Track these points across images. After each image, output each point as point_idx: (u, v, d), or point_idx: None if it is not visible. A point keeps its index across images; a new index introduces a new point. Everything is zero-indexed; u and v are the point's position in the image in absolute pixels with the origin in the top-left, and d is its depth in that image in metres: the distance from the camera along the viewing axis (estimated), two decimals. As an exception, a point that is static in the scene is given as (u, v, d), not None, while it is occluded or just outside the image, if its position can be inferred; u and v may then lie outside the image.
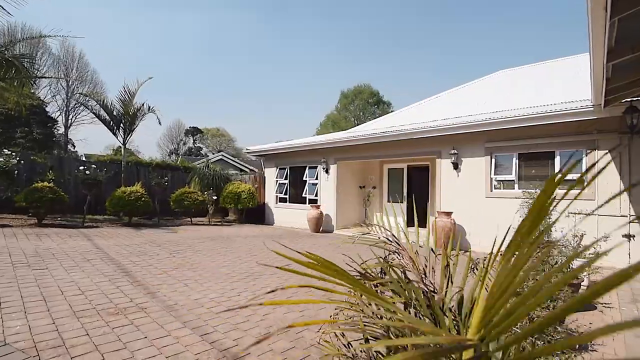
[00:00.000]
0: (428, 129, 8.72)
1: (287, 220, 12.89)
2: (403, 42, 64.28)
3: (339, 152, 11.34)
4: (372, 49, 66.13)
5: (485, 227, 8.09)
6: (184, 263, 5.34)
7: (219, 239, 8.32)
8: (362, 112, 36.22)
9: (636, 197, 6.37)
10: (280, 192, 13.34)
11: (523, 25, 56.75)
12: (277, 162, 13.55)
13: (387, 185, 12.12)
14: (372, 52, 66.51)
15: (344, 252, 6.38)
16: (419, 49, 64.25)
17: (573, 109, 6.60)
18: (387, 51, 65.79)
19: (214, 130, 59.02)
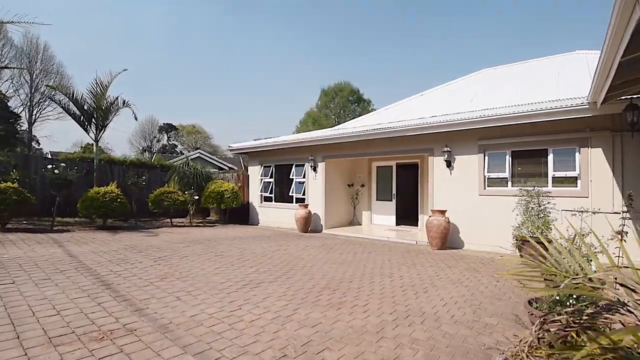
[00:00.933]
0: (421, 126, 8.56)
1: (272, 220, 12.46)
2: (379, 39, 64.71)
3: (328, 150, 11.03)
4: (349, 46, 66.16)
5: (479, 225, 8.04)
6: (171, 271, 4.85)
7: (205, 242, 7.81)
8: (342, 109, 36.08)
9: (628, 194, 6.45)
10: (265, 190, 12.89)
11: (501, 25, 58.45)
12: (262, 159, 13.07)
13: (375, 183, 11.94)
14: (350, 49, 66.54)
15: (340, 254, 6.04)
16: (396, 48, 64.93)
17: (568, 106, 6.59)
18: (365, 48, 66.06)
19: (190, 127, 57.23)
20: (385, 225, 11.53)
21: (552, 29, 55.65)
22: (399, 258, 6.63)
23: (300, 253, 6.79)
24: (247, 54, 73.18)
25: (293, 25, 67.16)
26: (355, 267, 5.64)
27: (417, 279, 4.98)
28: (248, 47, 72.01)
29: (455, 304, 3.94)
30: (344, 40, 66.11)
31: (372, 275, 5.12)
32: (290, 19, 66.17)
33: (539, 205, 6.43)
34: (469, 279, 5.08)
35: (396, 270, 5.50)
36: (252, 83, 76.41)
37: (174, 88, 74.75)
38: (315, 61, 68.21)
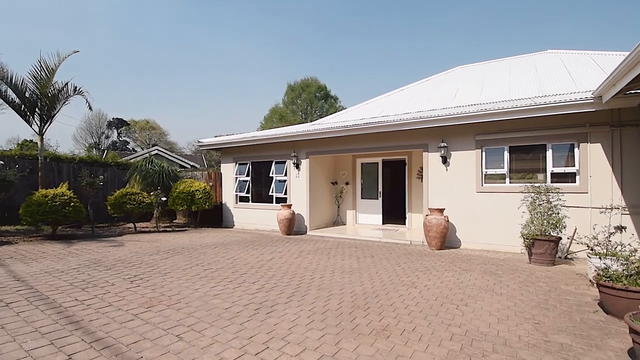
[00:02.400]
0: (417, 120, 8.12)
1: (250, 222, 11.49)
2: (345, 36, 64.77)
3: (312, 145, 10.29)
4: (314, 43, 65.48)
5: (477, 223, 7.80)
6: (157, 296, 3.88)
7: (184, 251, 6.75)
8: (310, 106, 35.37)
9: (628, 189, 6.48)
10: (241, 190, 11.86)
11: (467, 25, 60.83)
12: (237, 156, 12.00)
13: (360, 181, 11.43)
14: (315, 46, 65.87)
15: (342, 259, 5.37)
16: (362, 46, 65.39)
17: (572, 100, 6.46)
18: (329, 45, 65.77)
19: (143, 123, 53.36)
20: (371, 224, 11.06)
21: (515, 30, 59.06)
22: (406, 262, 6.11)
23: (299, 261, 6.02)
24: (206, 48, 69.69)
25: (255, 19, 65.04)
26: (368, 276, 5.01)
27: (445, 288, 4.46)
28: (207, 42, 68.57)
29: (508, 318, 3.45)
30: (310, 37, 65.28)
31: (395, 286, 4.52)
32: (251, 13, 63.98)
33: (547, 202, 6.24)
34: (496, 284, 4.67)
35: (415, 278, 4.96)
36: (211, 79, 73.02)
37: (125, 81, 69.19)
38: (279, 57, 66.71)
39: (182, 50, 69.83)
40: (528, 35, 55.36)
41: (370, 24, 62.37)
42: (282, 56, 66.01)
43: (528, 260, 6.34)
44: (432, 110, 9.27)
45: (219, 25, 66.83)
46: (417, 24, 61.52)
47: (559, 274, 5.38)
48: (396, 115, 9.61)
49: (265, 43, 65.53)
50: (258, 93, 70.49)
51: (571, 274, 5.41)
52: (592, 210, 6.74)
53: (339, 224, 11.48)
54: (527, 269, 5.71)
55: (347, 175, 11.59)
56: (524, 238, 6.23)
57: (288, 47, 66.20)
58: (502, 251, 7.43)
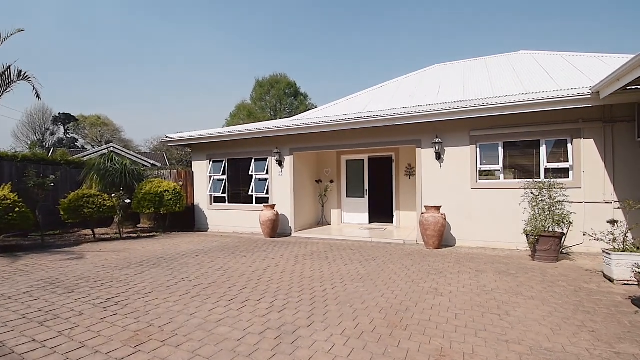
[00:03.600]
0: (413, 115, 7.77)
1: (227, 225, 10.58)
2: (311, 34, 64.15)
3: (297, 141, 9.62)
4: (281, 39, 64.14)
5: (472, 220, 7.62)
6: (143, 327, 3.06)
7: (160, 262, 5.82)
8: (279, 102, 34.38)
9: (619, 183, 6.57)
10: (216, 190, 10.89)
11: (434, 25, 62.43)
12: (211, 153, 11.01)
13: (345, 178, 10.94)
14: (282, 42, 64.53)
15: (344, 264, 4.82)
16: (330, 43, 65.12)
17: (569, 96, 6.41)
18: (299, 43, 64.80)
19: (94, 118, 49.26)
20: (357, 224, 10.63)
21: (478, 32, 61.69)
22: (412, 264, 5.70)
23: (299, 269, 5.37)
24: (164, 42, 65.70)
25: (216, 13, 62.31)
26: (384, 284, 4.51)
27: (472, 294, 4.07)
28: (166, 35, 64.68)
29: (560, 328, 3.10)
30: (276, 32, 63.80)
31: (418, 294, 4.05)
32: (213, 6, 61.22)
33: (550, 198, 6.13)
34: (519, 287, 4.37)
35: (433, 283, 4.53)
36: (169, 73, 69.04)
37: (73, 74, 63.32)
38: (244, 53, 64.51)
39: (135, 43, 65.28)
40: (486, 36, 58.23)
41: (337, 21, 62.33)
42: (246, 51, 63.93)
43: (531, 257, 6.21)
44: (418, 106, 8.98)
45: (173, 18, 63.29)
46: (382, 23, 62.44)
47: (569, 271, 5.23)
48: (383, 110, 9.23)
49: (226, 38, 63.06)
50: (222, 89, 67.80)
51: (580, 270, 5.28)
52: (585, 204, 6.78)
53: (323, 224, 10.93)
54: (536, 266, 5.53)
55: (331, 173, 11.06)
56: (528, 235, 6.07)
57: (252, 42, 64.25)
58: (498, 248, 7.30)
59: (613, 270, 4.44)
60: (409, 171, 9.97)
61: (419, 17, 59.77)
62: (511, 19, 56.42)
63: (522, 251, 6.96)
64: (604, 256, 4.70)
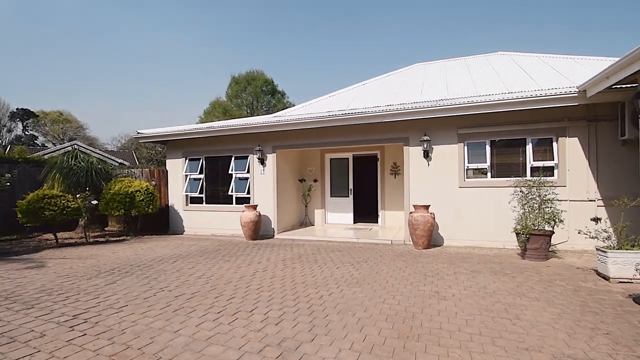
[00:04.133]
0: (401, 112, 7.60)
1: (204, 227, 10.01)
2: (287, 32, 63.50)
3: (280, 138, 9.23)
4: (257, 37, 62.99)
5: (460, 219, 7.55)
6: (120, 351, 2.60)
7: (134, 269, 5.27)
8: (255, 100, 33.61)
9: (603, 182, 6.70)
10: (193, 190, 10.28)
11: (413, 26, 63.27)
12: (188, 150, 10.38)
13: (329, 177, 10.66)
14: (259, 40, 63.37)
15: (336, 267, 4.52)
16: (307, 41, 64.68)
17: (557, 94, 6.46)
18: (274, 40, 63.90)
19: (55, 115, 46.26)
20: (342, 224, 10.38)
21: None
22: (405, 265, 5.49)
23: (289, 274, 5.01)
24: (132, 36, 62.72)
25: (190, 7, 60.26)
26: (382, 288, 4.25)
27: (475, 296, 3.89)
28: (135, 28, 61.77)
29: (575, 332, 2.96)
30: (253, 29, 62.53)
31: (421, 299, 3.81)
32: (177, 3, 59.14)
33: (540, 196, 6.12)
34: (519, 287, 4.25)
35: (433, 286, 4.33)
36: (139, 68, 66.05)
37: (30, 66, 59.05)
38: (218, 49, 62.77)
39: (101, 35, 61.93)
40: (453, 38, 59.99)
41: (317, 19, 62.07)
42: (221, 47, 62.25)
43: (521, 255, 6.18)
44: (405, 103, 8.85)
45: (142, 10, 60.65)
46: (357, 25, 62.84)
47: (561, 269, 5.21)
48: (369, 107, 9.02)
49: (201, 32, 61.17)
50: (195, 85, 65.68)
51: (572, 268, 5.28)
52: (570, 202, 6.87)
53: (307, 225, 10.59)
54: (529, 266, 5.48)
55: (315, 171, 10.74)
56: (519, 233, 6.04)
57: (228, 38, 62.68)
58: (486, 247, 7.27)
59: (609, 268, 4.42)
60: (395, 170, 9.84)
61: (398, 18, 60.68)
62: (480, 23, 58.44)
63: (510, 250, 6.96)
64: (599, 254, 4.68)
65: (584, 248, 6.78)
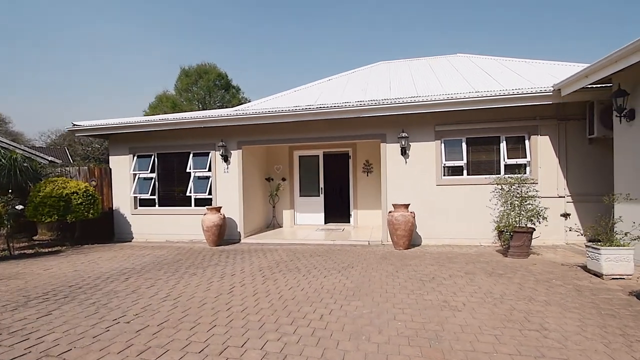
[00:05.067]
0: (383, 106, 7.24)
1: (157, 232, 8.84)
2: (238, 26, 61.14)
3: (246, 133, 8.40)
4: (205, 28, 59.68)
5: (437, 217, 7.40)
6: None
7: (76, 293, 4.21)
8: (208, 94, 31.62)
9: (571, 179, 6.92)
10: (143, 191, 9.04)
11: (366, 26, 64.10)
12: (136, 146, 9.09)
13: (298, 176, 10.03)
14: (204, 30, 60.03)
15: (324, 277, 3.94)
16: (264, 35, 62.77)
17: (533, 92, 6.51)
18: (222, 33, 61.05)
19: (-34, 105, 39.71)
20: (312, 225, 9.82)
21: (387, 41, 65.18)
22: (394, 269, 5.10)
23: (273, 287, 4.33)
24: (67, 23, 55.92)
25: None
26: (384, 300, 3.77)
27: (490, 305, 3.57)
28: (68, 15, 55.09)
29: (610, 342, 2.72)
30: (203, 20, 59.04)
31: (435, 311, 3.39)
32: (127, -20, 54.02)
33: (520, 194, 6.09)
34: (523, 290, 4.04)
35: (437, 294, 3.95)
36: (71, 60, 59.18)
37: None
38: (164, 39, 58.37)
39: (30, 22, 54.42)
40: (407, 46, 62.38)
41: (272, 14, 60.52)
42: (167, 37, 58.01)
43: (502, 253, 6.13)
44: (372, 100, 8.52)
45: (82, -10, 54.51)
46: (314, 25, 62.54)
47: (548, 267, 5.17)
48: (340, 102, 8.55)
49: (145, 21, 56.49)
50: (138, 77, 60.51)
51: (556, 265, 5.27)
52: (541, 199, 7.00)
53: (275, 227, 9.85)
54: (516, 264, 5.39)
55: (283, 170, 10.03)
56: (502, 231, 5.95)
57: (175, 29, 58.60)
58: (464, 245, 7.19)
59: (602, 265, 4.39)
60: (367, 168, 9.51)
61: (356, 14, 61.38)
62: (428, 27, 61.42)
63: (487, 247, 6.94)
64: (589, 251, 4.66)
65: (555, 243, 6.98)
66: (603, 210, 6.71)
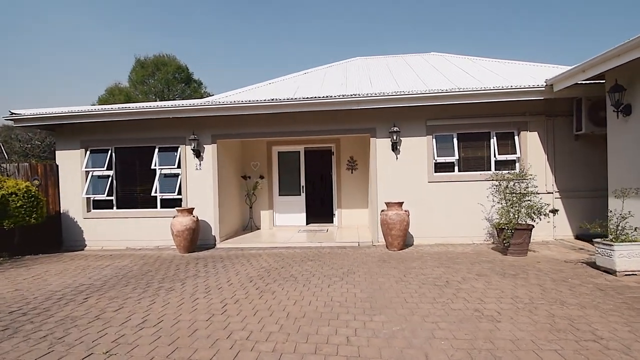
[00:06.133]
0: (372, 99, 6.79)
1: (116, 238, 7.73)
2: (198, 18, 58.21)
3: (222, 125, 7.56)
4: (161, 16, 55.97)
5: (429, 215, 7.11)
6: None
7: (20, 323, 3.24)
8: (167, 88, 29.49)
9: (559, 175, 6.94)
10: (98, 191, 7.85)
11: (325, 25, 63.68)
12: (89, 139, 7.88)
13: (277, 174, 9.31)
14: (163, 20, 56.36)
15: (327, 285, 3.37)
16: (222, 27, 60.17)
17: (526, 87, 6.41)
18: (182, 25, 57.76)
19: None
20: (293, 226, 9.16)
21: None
22: (400, 274, 4.66)
23: (274, 302, 3.66)
24: None
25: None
26: (408, 312, 3.28)
27: (526, 312, 3.21)
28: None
29: (681, 354, 2.42)
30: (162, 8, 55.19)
31: (472, 324, 2.96)
32: (71, -39, 48.92)
33: (520, 190, 5.94)
34: (545, 292, 3.76)
35: (463, 302, 3.54)
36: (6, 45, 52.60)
37: None
38: (117, 28, 53.84)
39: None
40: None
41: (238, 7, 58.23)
42: (119, 25, 53.58)
43: (501, 251, 5.94)
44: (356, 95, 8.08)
45: (16, -31, 48.52)
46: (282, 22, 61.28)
47: (555, 264, 5.02)
48: (329, 95, 8.00)
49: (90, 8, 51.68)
50: (84, 68, 55.24)
51: (560, 262, 5.14)
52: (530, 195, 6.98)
53: (252, 229, 9.06)
54: (523, 263, 5.18)
55: (260, 167, 9.25)
56: (503, 228, 5.73)
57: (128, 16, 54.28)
58: (457, 243, 6.97)
59: (615, 261, 4.25)
60: (352, 165, 9.04)
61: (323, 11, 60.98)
62: (392, 32, 62.83)
63: (480, 245, 6.77)
64: (600, 247, 4.52)
65: (544, 239, 6.97)
66: (589, 206, 6.85)
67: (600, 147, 6.88)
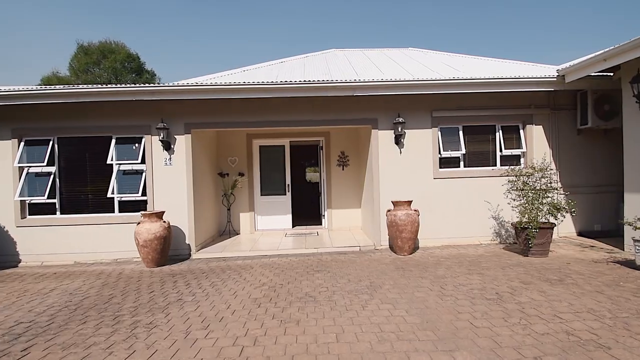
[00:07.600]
0: (372, 84, 6.04)
1: (60, 251, 6.23)
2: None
3: (197, 111, 6.36)
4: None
5: (435, 214, 6.54)
6: None
7: None
8: (115, 77, 26.50)
9: (563, 170, 6.71)
10: (36, 192, 6.27)
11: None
12: (22, 127, 6.26)
13: (259, 171, 8.21)
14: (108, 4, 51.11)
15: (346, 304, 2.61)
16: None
17: (538, 77, 6.07)
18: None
19: None
20: (278, 229, 8.12)
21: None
22: (435, 286, 3.95)
23: (307, 339, 2.72)
24: None
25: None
26: (493, 344, 2.56)
27: (624, 332, 2.62)
28: None
29: None
30: None
31: (573, 349, 2.29)
32: None
33: (544, 185, 5.49)
34: (614, 299, 3.25)
35: (538, 321, 2.89)
36: None
37: None
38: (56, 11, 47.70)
39: None
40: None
41: None
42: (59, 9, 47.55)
43: (521, 252, 5.49)
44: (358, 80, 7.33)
45: None
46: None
47: (587, 266, 4.63)
48: (329, 79, 7.12)
49: None
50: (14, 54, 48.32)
51: (591, 263, 4.77)
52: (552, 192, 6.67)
53: (231, 234, 7.88)
54: (554, 266, 4.73)
55: (239, 162, 8.08)
56: (525, 227, 5.26)
57: None
58: (465, 244, 6.47)
59: None
60: (343, 161, 8.22)
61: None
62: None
63: (489, 245, 6.33)
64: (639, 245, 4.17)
65: (553, 237, 6.71)
66: (591, 202, 6.72)
67: (602, 141, 6.79)
